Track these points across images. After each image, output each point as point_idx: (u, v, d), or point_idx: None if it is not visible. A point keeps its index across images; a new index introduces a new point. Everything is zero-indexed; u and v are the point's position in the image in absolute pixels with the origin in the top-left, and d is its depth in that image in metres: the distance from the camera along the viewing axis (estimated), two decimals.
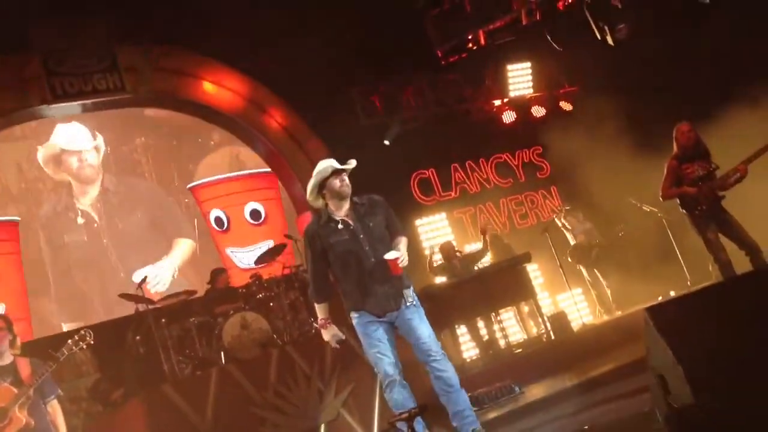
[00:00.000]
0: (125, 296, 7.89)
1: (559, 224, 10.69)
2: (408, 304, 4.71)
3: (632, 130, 10.31)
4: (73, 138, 10.67)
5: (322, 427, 6.70)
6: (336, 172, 4.72)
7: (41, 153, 10.60)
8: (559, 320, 8.66)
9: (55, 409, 5.39)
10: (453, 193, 11.48)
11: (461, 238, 10.91)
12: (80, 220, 10.79)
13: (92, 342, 5.51)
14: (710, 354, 2.98)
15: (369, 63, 10.48)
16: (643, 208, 9.79)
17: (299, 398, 6.73)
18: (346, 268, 4.71)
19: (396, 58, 10.66)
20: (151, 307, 7.74)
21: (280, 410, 6.61)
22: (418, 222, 10.85)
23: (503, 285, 8.42)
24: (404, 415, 4.14)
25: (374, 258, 4.65)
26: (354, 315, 4.76)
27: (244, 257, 11.18)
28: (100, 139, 10.86)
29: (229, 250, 11.31)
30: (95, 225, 10.86)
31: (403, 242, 4.77)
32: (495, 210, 11.62)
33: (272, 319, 7.96)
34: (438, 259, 9.59)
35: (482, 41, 11.01)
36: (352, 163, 4.82)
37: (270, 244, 10.52)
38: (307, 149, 10.52)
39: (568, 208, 10.91)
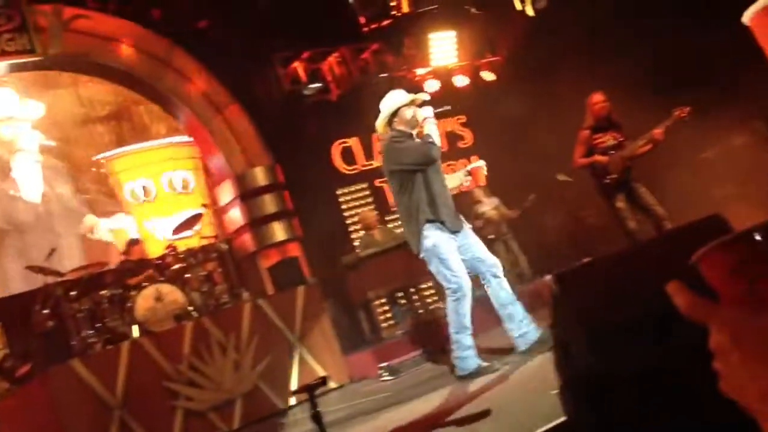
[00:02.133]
0: (32, 268, 7.58)
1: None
2: (466, 225, 5.09)
3: (551, 101, 10.39)
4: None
5: (238, 399, 6.59)
6: (411, 102, 4.98)
7: None
8: (479, 289, 8.70)
9: None
10: (375, 162, 11.40)
11: (383, 208, 10.87)
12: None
13: None
14: (612, 320, 2.99)
15: (291, 29, 10.26)
16: (558, 177, 9.88)
17: (214, 371, 6.59)
18: (430, 178, 4.92)
19: (319, 24, 10.46)
20: (60, 279, 7.46)
21: (195, 383, 6.46)
22: (339, 191, 10.74)
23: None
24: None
25: (443, 178, 5.06)
26: (430, 226, 4.88)
27: (166, 226, 10.91)
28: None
29: (150, 222, 10.99)
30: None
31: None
32: None
33: (188, 291, 7.77)
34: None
35: (405, 8, 10.95)
36: (425, 95, 5.16)
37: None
38: (227, 116, 10.25)
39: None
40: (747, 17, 10.88)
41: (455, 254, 4.90)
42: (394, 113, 4.99)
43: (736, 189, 11.39)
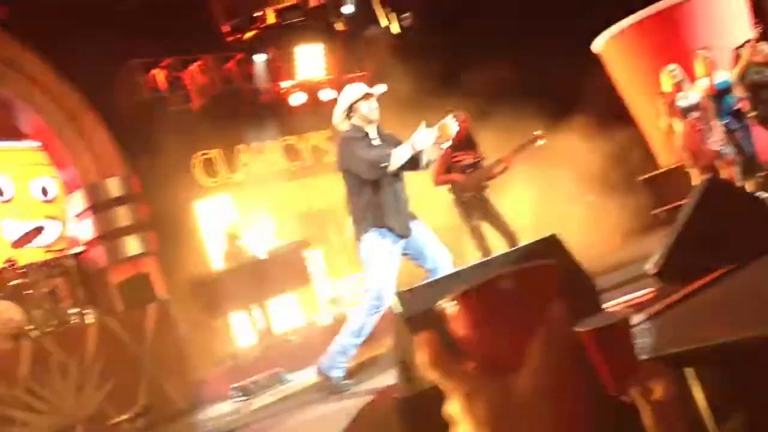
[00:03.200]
0: None
1: None
2: (419, 224, 4.95)
3: (417, 118, 10.52)
4: None
5: (80, 423, 6.21)
6: (366, 96, 4.78)
7: None
8: (336, 304, 8.68)
9: None
10: (238, 175, 11.17)
11: (245, 221, 10.64)
12: None
13: None
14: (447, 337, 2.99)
15: (152, 35, 9.88)
16: None
17: (53, 394, 6.18)
18: (382, 181, 4.76)
19: (182, 32, 10.14)
20: None
21: (32, 408, 6.04)
22: (199, 204, 10.44)
23: (282, 271, 8.27)
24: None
25: (401, 182, 4.88)
26: (374, 230, 4.73)
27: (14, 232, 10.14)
28: None
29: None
30: None
31: None
32: (282, 193, 11.45)
33: (28, 308, 7.26)
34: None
35: (271, 20, 10.82)
36: (382, 88, 5.00)
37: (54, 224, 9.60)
38: (79, 124, 9.74)
39: None
40: (596, 46, 11.53)
41: (389, 265, 4.79)
42: (351, 107, 4.84)
43: (585, 208, 11.96)
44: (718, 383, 2.27)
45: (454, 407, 0.64)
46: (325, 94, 11.73)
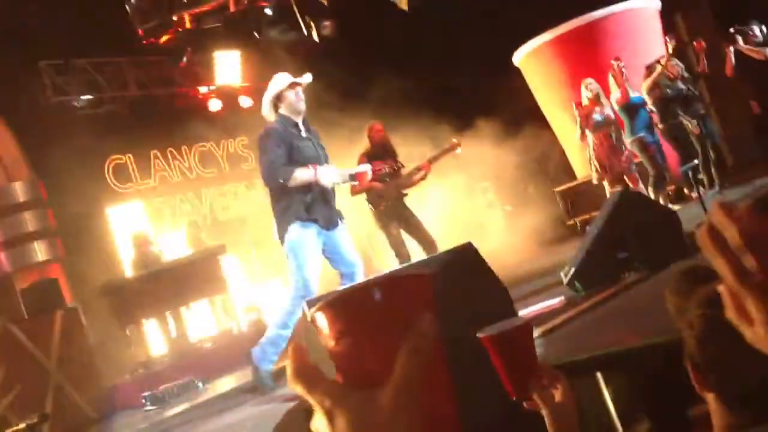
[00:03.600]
0: None
1: None
2: (343, 221, 4.98)
3: (334, 126, 10.57)
4: None
5: None
6: (292, 85, 4.79)
7: None
8: (252, 313, 8.60)
9: None
10: (152, 181, 10.94)
11: (158, 228, 10.46)
12: None
13: None
14: None
15: (63, 36, 9.59)
16: None
17: None
18: None
19: (95, 32, 9.87)
20: None
21: None
22: (111, 210, 10.18)
23: (196, 277, 8.13)
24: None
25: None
26: (297, 223, 4.70)
27: None
28: None
29: None
30: None
31: None
32: (197, 200, 11.30)
33: None
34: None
35: (188, 24, 10.66)
36: (308, 77, 4.94)
37: None
38: None
39: None
40: (516, 59, 11.86)
41: (315, 255, 4.79)
42: (278, 96, 4.84)
43: (502, 218, 12.26)
44: (625, 388, 2.39)
45: (317, 422, 0.62)
46: (243, 101, 11.65)
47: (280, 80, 4.89)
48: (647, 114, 8.24)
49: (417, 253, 6.74)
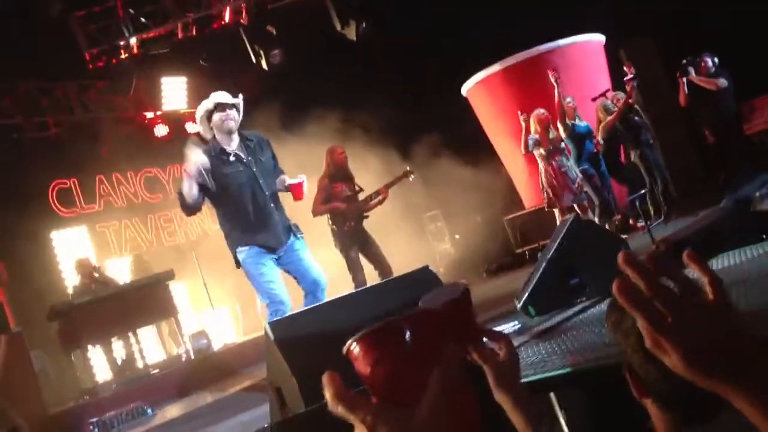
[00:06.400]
0: None
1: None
2: (299, 235, 4.85)
3: (290, 152, 10.67)
4: None
5: None
6: (219, 107, 4.64)
7: None
8: (200, 339, 8.59)
9: None
10: (97, 206, 10.83)
11: (103, 253, 10.36)
12: None
13: None
14: (320, 366, 3.14)
15: (5, 59, 9.50)
16: None
17: None
18: (240, 200, 4.65)
19: (41, 55, 9.79)
20: None
21: None
22: (54, 234, 10.05)
23: (143, 303, 8.08)
24: None
25: (268, 191, 4.72)
26: (243, 249, 4.65)
27: None
28: None
29: None
30: None
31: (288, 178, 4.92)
32: (142, 226, 11.22)
33: None
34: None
35: (135, 50, 10.68)
36: (238, 99, 4.75)
37: None
38: None
39: None
40: (464, 90, 12.14)
41: (269, 271, 4.71)
42: (207, 118, 4.73)
43: (452, 246, 12.48)
44: (576, 406, 2.53)
45: None
46: (190, 127, 11.65)
47: (205, 102, 4.76)
48: (592, 145, 8.44)
49: (373, 278, 6.79)
